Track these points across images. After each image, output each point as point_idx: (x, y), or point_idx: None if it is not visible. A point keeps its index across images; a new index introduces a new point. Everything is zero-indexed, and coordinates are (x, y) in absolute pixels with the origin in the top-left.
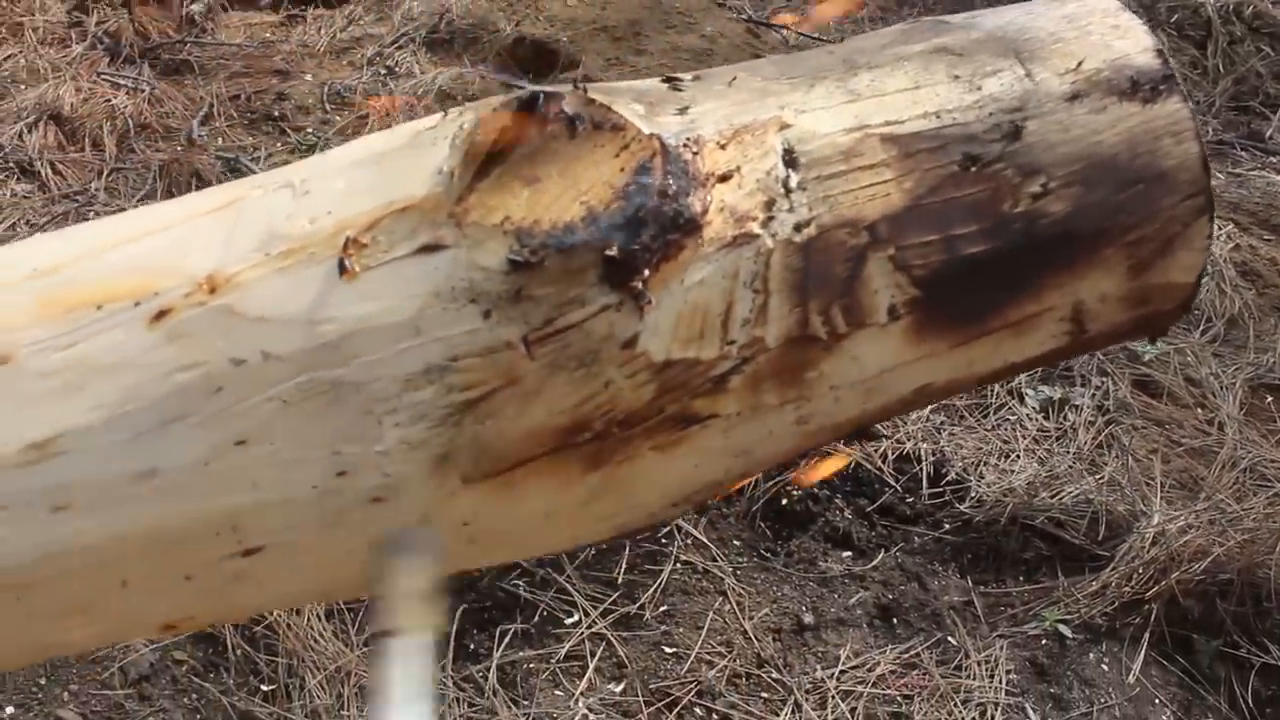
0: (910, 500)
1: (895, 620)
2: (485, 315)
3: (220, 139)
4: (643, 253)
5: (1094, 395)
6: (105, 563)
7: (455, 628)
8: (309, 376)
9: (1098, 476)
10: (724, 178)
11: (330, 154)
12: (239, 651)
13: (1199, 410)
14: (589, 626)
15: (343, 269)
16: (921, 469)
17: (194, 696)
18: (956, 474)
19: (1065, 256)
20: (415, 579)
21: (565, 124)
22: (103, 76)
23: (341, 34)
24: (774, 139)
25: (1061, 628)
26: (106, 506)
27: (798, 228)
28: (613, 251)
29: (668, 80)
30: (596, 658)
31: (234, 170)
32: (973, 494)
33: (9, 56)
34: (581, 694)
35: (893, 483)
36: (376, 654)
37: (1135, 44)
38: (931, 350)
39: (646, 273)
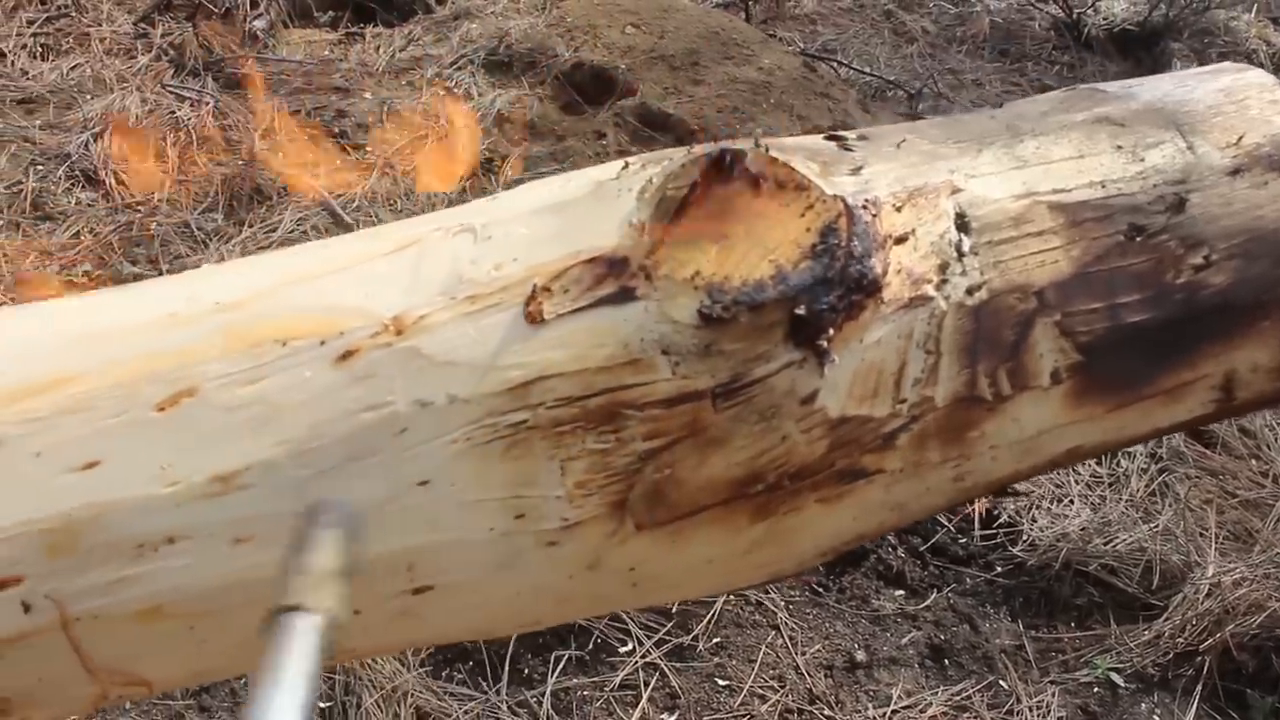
0: (963, 541)
1: (947, 661)
2: (674, 367)
3: (280, 154)
4: (829, 312)
5: (1147, 443)
6: None
7: (510, 651)
8: (494, 420)
9: (1151, 525)
10: (900, 240)
11: (504, 198)
12: None
13: (1253, 462)
14: (643, 656)
15: (531, 316)
16: (974, 510)
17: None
18: (1009, 516)
19: (1223, 327)
20: (332, 556)
21: (749, 181)
22: (167, 88)
23: (401, 53)
24: (946, 203)
25: (1114, 676)
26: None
27: (970, 291)
28: (801, 310)
29: (833, 138)
30: (650, 688)
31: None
32: (1025, 537)
33: (76, 66)
34: None
35: (945, 522)
36: (273, 628)
37: None
38: (1088, 414)
39: (831, 332)
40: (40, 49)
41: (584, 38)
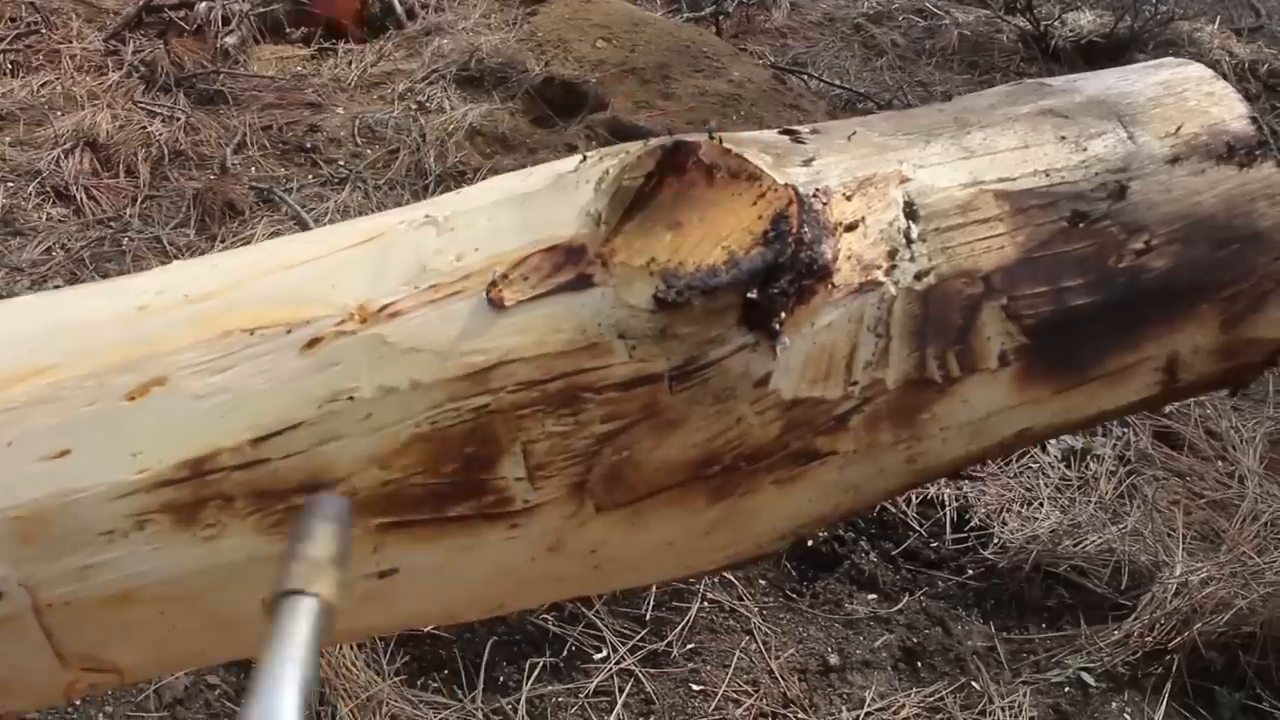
0: (934, 545)
1: (920, 664)
2: (630, 351)
3: (253, 168)
4: (780, 296)
5: (1115, 445)
6: (249, 581)
7: (485, 659)
8: (456, 405)
9: (1120, 526)
10: (850, 227)
11: (467, 192)
12: None
13: (1219, 463)
14: (617, 662)
15: (493, 303)
16: (945, 514)
17: None
18: (980, 520)
19: (1164, 310)
20: (329, 545)
21: (703, 172)
22: (139, 104)
23: (372, 69)
24: (895, 192)
25: (1084, 676)
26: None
27: (918, 276)
28: (753, 294)
29: (787, 132)
30: (625, 694)
31: (266, 200)
32: (996, 540)
33: (46, 83)
34: None
35: (917, 527)
36: (274, 610)
37: (1230, 111)
38: (1035, 396)
39: (783, 315)
40: (10, 66)
41: (555, 52)
